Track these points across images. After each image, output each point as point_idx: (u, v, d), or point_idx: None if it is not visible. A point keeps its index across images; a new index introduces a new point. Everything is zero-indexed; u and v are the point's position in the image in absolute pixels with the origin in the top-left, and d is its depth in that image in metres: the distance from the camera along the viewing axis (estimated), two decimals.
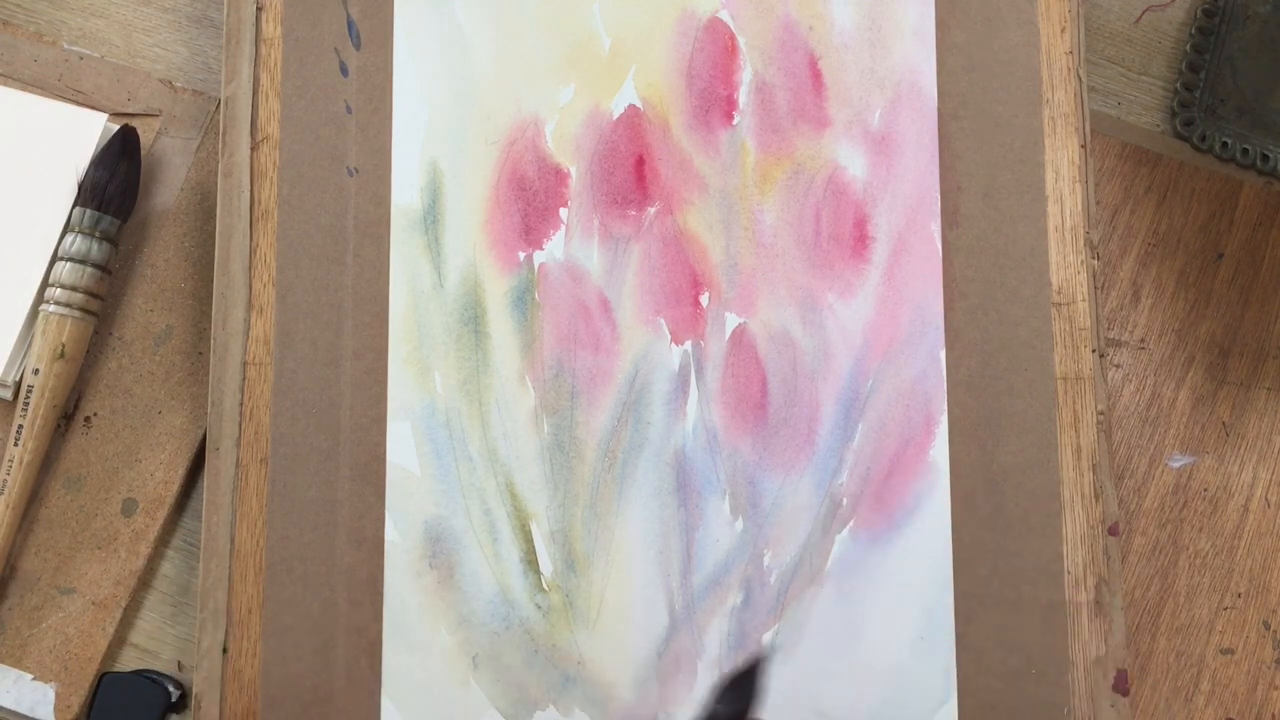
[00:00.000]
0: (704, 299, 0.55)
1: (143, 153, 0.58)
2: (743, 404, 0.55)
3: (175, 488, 0.56)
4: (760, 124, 0.56)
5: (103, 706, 0.54)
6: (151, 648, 0.56)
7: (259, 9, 0.56)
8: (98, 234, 0.56)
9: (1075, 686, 0.53)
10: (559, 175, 0.56)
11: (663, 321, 0.55)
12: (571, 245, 0.56)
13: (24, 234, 0.56)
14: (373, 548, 0.53)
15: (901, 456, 0.54)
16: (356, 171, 0.56)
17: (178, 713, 0.55)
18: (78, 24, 0.60)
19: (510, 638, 0.53)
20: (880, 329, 0.55)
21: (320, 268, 0.55)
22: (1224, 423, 0.58)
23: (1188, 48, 0.61)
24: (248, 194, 0.55)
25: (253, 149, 0.55)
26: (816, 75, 0.57)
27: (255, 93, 0.56)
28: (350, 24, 0.57)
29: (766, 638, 0.53)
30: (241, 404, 0.54)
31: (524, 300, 0.55)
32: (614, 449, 0.54)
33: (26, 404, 0.55)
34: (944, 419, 0.54)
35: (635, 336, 0.55)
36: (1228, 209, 0.60)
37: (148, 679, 0.55)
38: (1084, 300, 0.55)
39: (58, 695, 0.54)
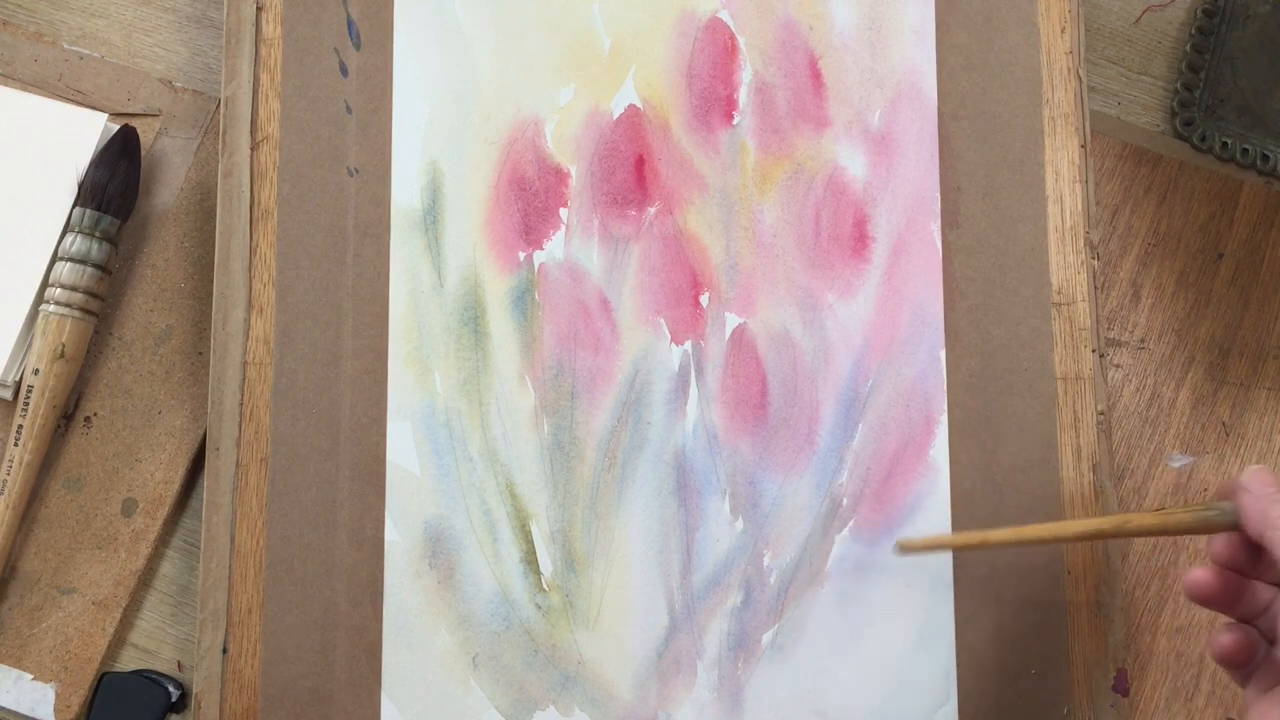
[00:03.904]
0: (704, 299, 0.55)
1: (143, 153, 0.58)
2: (743, 404, 0.55)
3: (175, 488, 0.56)
4: (760, 124, 0.56)
5: (103, 706, 0.54)
6: (151, 648, 0.56)
7: (259, 9, 0.56)
8: (98, 234, 0.56)
9: (1075, 686, 0.53)
10: (559, 175, 0.56)
11: (663, 321, 0.55)
12: (571, 245, 0.56)
13: (24, 234, 0.56)
14: (373, 548, 0.53)
15: (901, 456, 0.54)
16: (356, 171, 0.56)
17: (178, 713, 0.55)
18: (78, 24, 0.60)
19: (510, 638, 0.53)
20: (880, 329, 0.55)
21: (320, 268, 0.55)
22: (1224, 423, 0.58)
23: (1188, 48, 0.61)
24: (248, 194, 0.55)
25: (253, 149, 0.55)
26: (816, 75, 0.57)
27: (255, 93, 0.56)
28: (350, 24, 0.57)
29: (766, 638, 0.53)
30: (241, 404, 0.54)
31: (524, 300, 0.55)
32: (614, 449, 0.54)
33: (26, 404, 0.55)
34: (944, 419, 0.54)
35: (635, 336, 0.55)
36: (1228, 209, 0.60)
37: (148, 679, 0.55)
38: (1084, 300, 0.55)
39: (58, 695, 0.54)
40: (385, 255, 0.55)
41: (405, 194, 0.56)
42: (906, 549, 0.52)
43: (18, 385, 0.56)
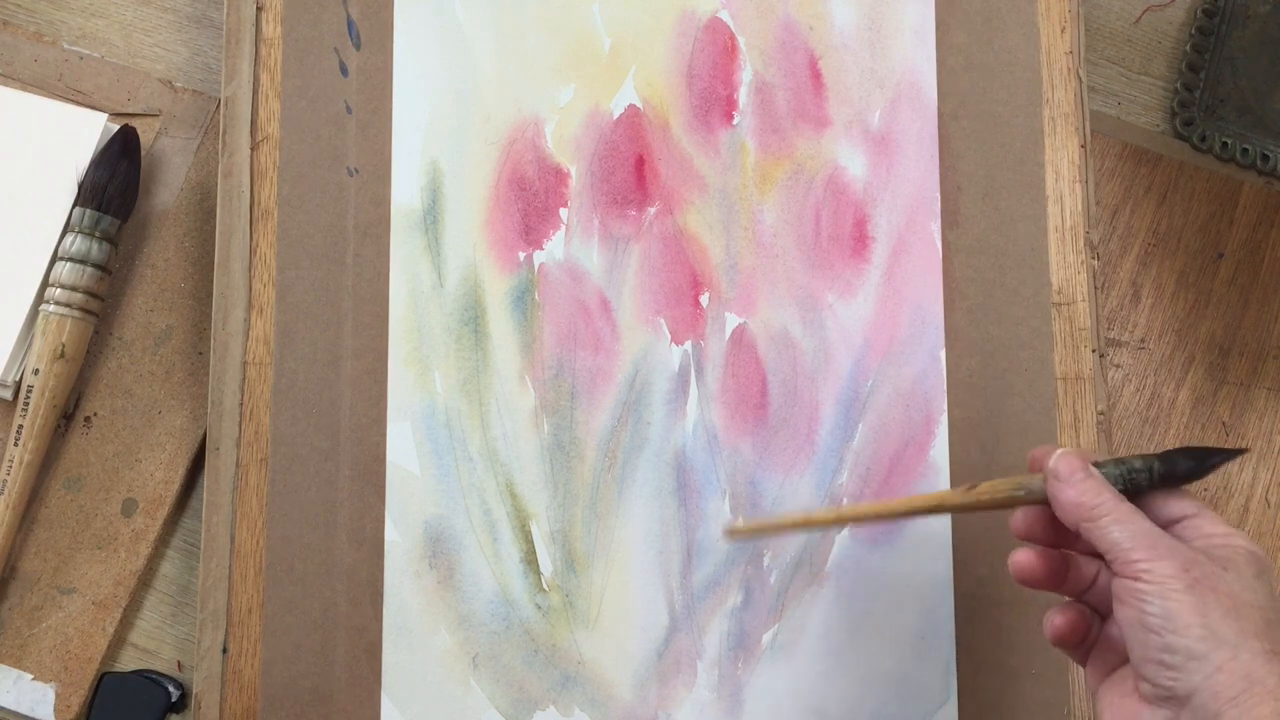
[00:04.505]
0: (704, 299, 0.55)
1: (143, 153, 0.58)
2: (743, 404, 0.55)
3: (175, 488, 0.56)
4: (760, 124, 0.56)
5: (103, 706, 0.54)
6: (151, 648, 0.56)
7: (259, 9, 0.56)
8: (98, 234, 0.56)
9: (1075, 686, 0.53)
10: (559, 175, 0.56)
11: (663, 321, 0.55)
12: (571, 245, 0.56)
13: (24, 234, 0.56)
14: (373, 548, 0.53)
15: (901, 456, 0.54)
16: (356, 171, 0.56)
17: (178, 713, 0.55)
18: (78, 24, 0.60)
19: (510, 638, 0.53)
20: (880, 329, 0.55)
21: (320, 268, 0.55)
22: (1224, 423, 0.58)
23: (1188, 48, 0.61)
24: (248, 194, 0.55)
25: (253, 149, 0.55)
26: (816, 75, 0.57)
27: (255, 93, 0.56)
28: (350, 24, 0.57)
29: (766, 638, 0.53)
30: (241, 404, 0.54)
31: (524, 300, 0.55)
32: (614, 449, 0.54)
33: (26, 404, 0.55)
34: (944, 419, 0.54)
35: (635, 336, 0.55)
36: (1228, 209, 0.60)
37: (148, 679, 0.55)
38: (1084, 300, 0.55)
39: (58, 695, 0.54)
40: (385, 255, 0.55)
41: (405, 194, 0.56)
42: (734, 533, 0.52)
43: (18, 385, 0.56)
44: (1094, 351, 0.55)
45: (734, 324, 0.55)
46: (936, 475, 0.54)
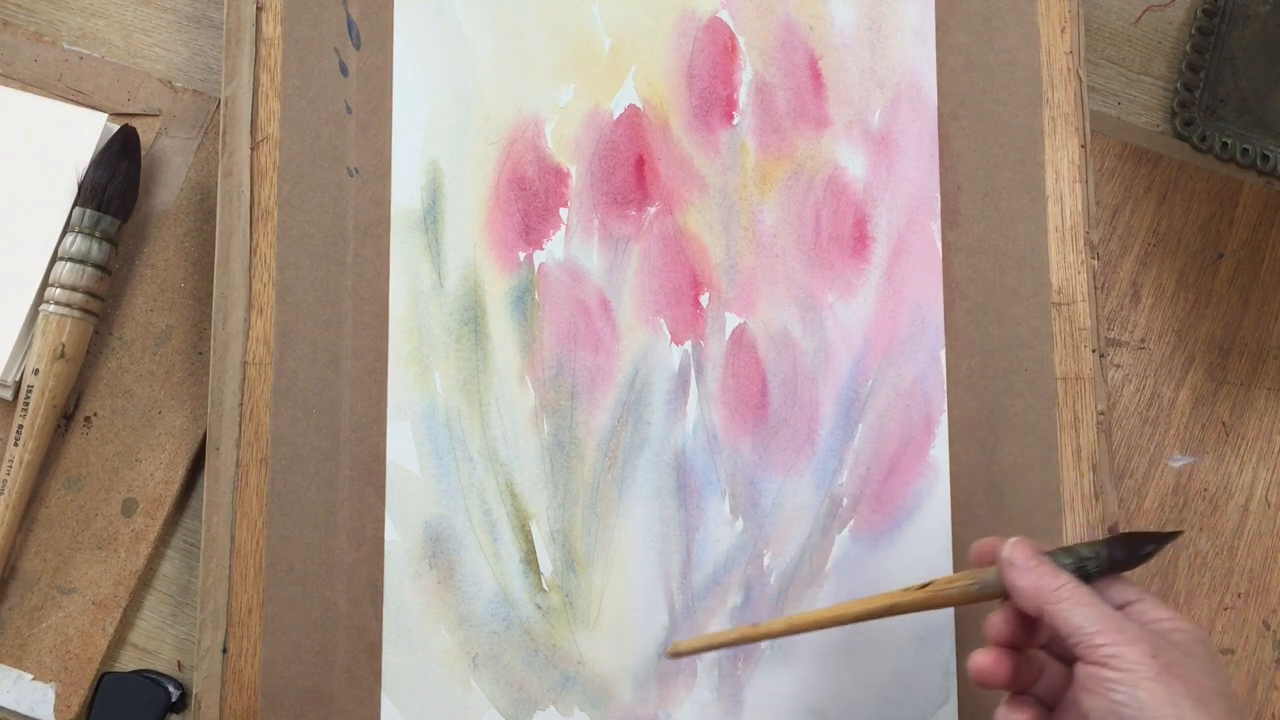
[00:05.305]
0: (704, 299, 0.55)
1: (143, 153, 0.58)
2: (743, 404, 0.55)
3: (175, 488, 0.56)
4: (760, 124, 0.56)
5: (103, 706, 0.54)
6: (151, 648, 0.56)
7: (259, 9, 0.56)
8: (98, 234, 0.56)
9: None
10: (559, 175, 0.56)
11: (663, 321, 0.55)
12: (571, 245, 0.56)
13: (24, 234, 0.56)
14: (373, 548, 0.53)
15: (901, 456, 0.54)
16: (356, 171, 0.56)
17: (178, 713, 0.55)
18: (78, 24, 0.60)
19: (510, 638, 0.53)
20: (880, 329, 0.55)
21: (320, 268, 0.55)
22: (1224, 423, 0.58)
23: (1188, 48, 0.61)
24: (248, 194, 0.55)
25: (253, 149, 0.55)
26: (816, 75, 0.57)
27: (255, 93, 0.56)
28: (350, 24, 0.57)
29: None
30: (241, 404, 0.54)
31: (524, 300, 0.55)
32: (614, 449, 0.54)
33: (26, 404, 0.55)
34: (944, 419, 0.54)
35: (635, 336, 0.55)
36: (1228, 209, 0.60)
37: (148, 679, 0.55)
38: (1084, 300, 0.55)
39: (58, 695, 0.54)
40: (385, 255, 0.55)
41: (405, 194, 0.56)
42: (677, 653, 0.51)
43: (18, 385, 0.56)
44: (1094, 351, 0.55)
45: (734, 324, 0.55)
46: (936, 475, 0.54)
